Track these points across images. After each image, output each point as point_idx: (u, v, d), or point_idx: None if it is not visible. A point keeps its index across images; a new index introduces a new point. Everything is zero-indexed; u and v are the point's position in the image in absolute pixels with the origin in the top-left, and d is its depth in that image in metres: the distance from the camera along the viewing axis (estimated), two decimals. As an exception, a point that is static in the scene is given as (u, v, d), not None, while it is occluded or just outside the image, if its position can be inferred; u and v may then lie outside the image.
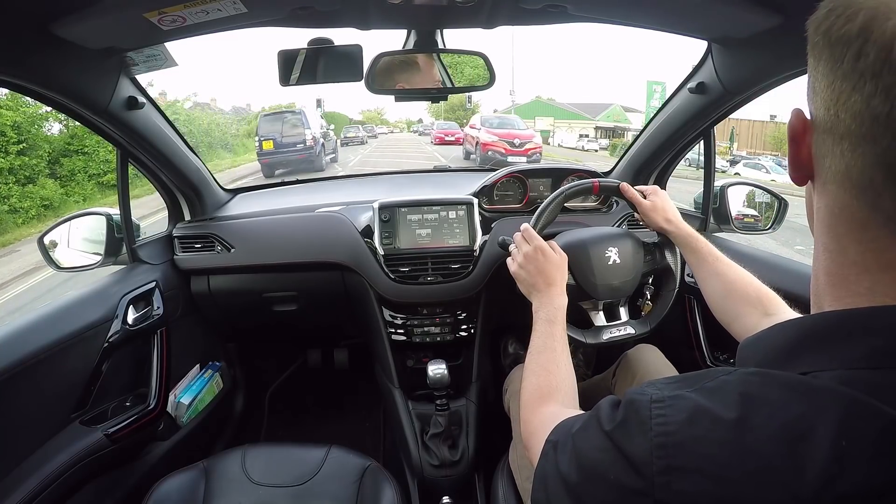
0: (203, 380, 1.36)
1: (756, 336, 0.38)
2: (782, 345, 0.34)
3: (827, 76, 0.31)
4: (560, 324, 0.74)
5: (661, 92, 16.51)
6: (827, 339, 0.32)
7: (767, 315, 0.71)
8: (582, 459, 0.38)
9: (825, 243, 0.34)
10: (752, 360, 0.36)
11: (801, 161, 0.35)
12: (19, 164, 8.17)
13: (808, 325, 0.34)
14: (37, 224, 7.77)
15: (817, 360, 0.31)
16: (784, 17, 0.73)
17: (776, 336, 0.36)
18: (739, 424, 0.29)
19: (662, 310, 0.96)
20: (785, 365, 0.32)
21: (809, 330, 0.34)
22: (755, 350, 0.37)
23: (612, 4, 0.86)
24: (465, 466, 1.14)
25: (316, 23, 0.90)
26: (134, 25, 0.76)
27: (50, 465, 0.86)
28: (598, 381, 1.17)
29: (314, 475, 0.92)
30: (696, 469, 0.30)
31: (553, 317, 0.75)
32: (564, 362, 0.69)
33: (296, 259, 1.27)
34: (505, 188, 1.41)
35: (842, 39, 0.29)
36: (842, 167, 0.31)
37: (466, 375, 1.31)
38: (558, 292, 0.79)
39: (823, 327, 0.33)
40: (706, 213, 1.28)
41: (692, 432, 0.31)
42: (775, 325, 0.36)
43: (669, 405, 0.33)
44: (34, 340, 0.88)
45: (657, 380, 0.37)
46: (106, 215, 1.17)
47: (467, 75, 1.03)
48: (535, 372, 0.68)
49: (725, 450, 0.29)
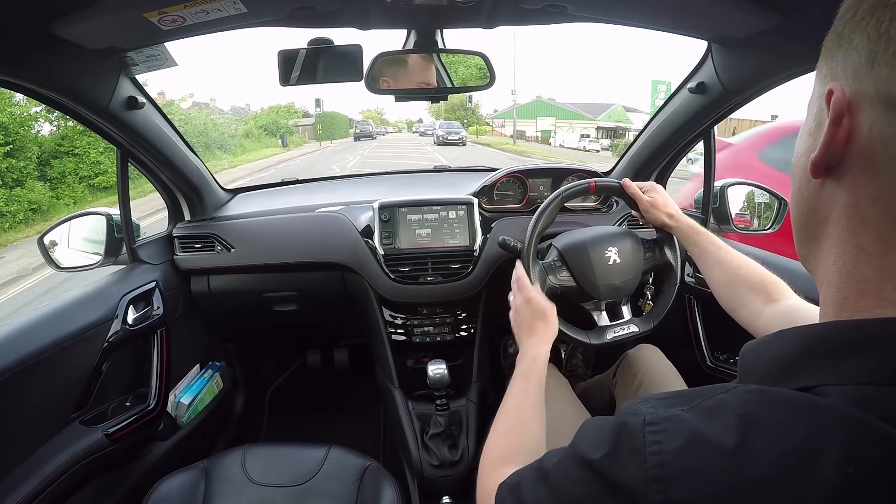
0: (203, 380, 1.36)
1: (759, 342, 0.36)
2: (788, 354, 0.32)
3: (871, 44, 0.28)
4: (535, 379, 0.72)
5: (666, 91, 16.47)
6: (836, 352, 0.30)
7: (772, 301, 0.70)
8: (561, 497, 0.35)
9: (863, 245, 0.30)
10: (756, 369, 0.35)
11: (835, 148, 0.30)
12: (6, 167, 7.98)
13: (817, 335, 0.32)
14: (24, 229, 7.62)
15: (824, 373, 0.29)
16: (783, 17, 0.73)
17: (781, 344, 0.34)
18: (739, 451, 0.27)
19: (664, 306, 0.96)
20: (789, 377, 0.31)
21: (818, 340, 0.31)
22: (758, 358, 0.35)
23: (612, 4, 0.86)
24: (465, 466, 1.14)
25: (316, 23, 0.91)
26: (134, 25, 0.76)
27: (50, 465, 0.86)
28: (598, 381, 1.17)
29: (314, 475, 0.92)
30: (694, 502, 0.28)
31: (528, 371, 0.73)
32: (534, 422, 0.66)
33: (296, 259, 1.27)
34: (505, 188, 1.41)
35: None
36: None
37: (466, 375, 1.31)
38: (539, 342, 0.78)
39: (833, 338, 0.30)
40: (706, 213, 1.28)
41: (690, 462, 0.29)
42: (780, 332, 0.34)
43: (664, 429, 0.30)
44: (34, 340, 0.88)
45: (652, 396, 0.35)
46: (106, 215, 1.17)
47: (461, 75, 1.03)
48: (499, 430, 0.66)
49: (725, 480, 0.27)
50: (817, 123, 0.33)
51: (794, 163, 0.36)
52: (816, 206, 0.33)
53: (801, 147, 0.35)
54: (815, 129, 0.33)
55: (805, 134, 0.35)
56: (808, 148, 0.34)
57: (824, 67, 0.32)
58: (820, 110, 0.32)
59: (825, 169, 0.31)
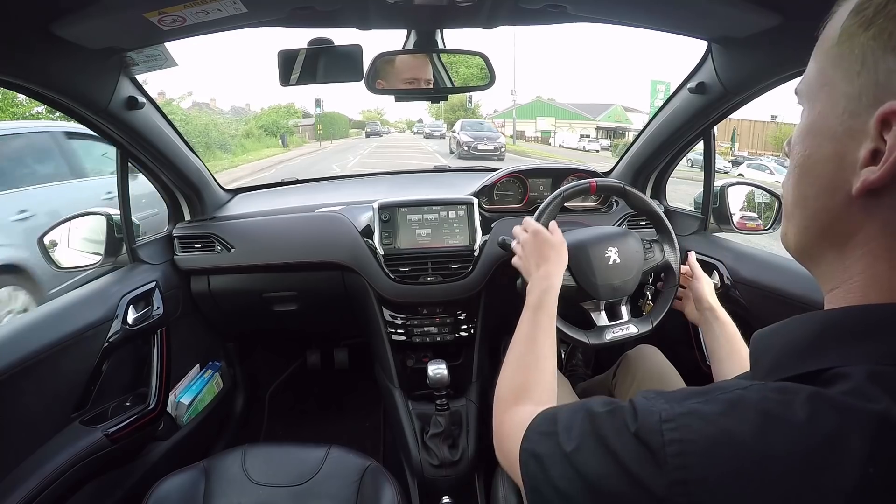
0: (203, 380, 1.36)
1: (771, 329, 0.36)
2: (802, 338, 0.33)
3: None
4: (546, 311, 0.70)
5: (665, 91, 16.49)
6: (851, 335, 0.30)
7: None
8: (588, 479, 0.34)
9: None
10: (768, 354, 0.34)
11: None
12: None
13: (831, 319, 0.32)
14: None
15: (844, 353, 0.29)
16: (783, 18, 0.73)
17: (794, 329, 0.34)
18: (761, 453, 0.27)
19: (664, 308, 0.96)
20: (804, 359, 0.31)
21: (832, 324, 0.32)
22: (770, 343, 0.35)
23: (612, 4, 0.86)
24: (465, 466, 1.14)
25: (316, 23, 0.90)
26: (134, 25, 0.76)
27: (50, 465, 0.86)
28: (599, 381, 1.17)
29: (314, 475, 0.92)
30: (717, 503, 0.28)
31: (540, 301, 0.71)
32: (547, 355, 0.65)
33: (296, 259, 1.27)
34: (505, 188, 1.41)
35: None
36: None
37: (466, 375, 1.31)
38: (550, 272, 0.75)
39: (848, 322, 0.31)
40: (706, 213, 1.28)
41: (713, 464, 0.28)
42: (793, 318, 0.34)
43: (683, 425, 0.30)
44: (34, 340, 0.88)
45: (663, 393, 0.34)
46: (106, 215, 1.17)
47: (462, 75, 1.03)
48: (511, 365, 0.64)
49: (750, 484, 0.27)
50: (846, 130, 0.31)
51: (809, 167, 0.34)
52: (844, 218, 0.32)
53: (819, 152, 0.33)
54: (845, 137, 0.31)
55: (824, 137, 0.32)
56: (830, 154, 0.32)
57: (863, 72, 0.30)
58: (853, 116, 0.30)
59: None
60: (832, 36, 0.32)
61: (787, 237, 0.38)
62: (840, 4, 0.32)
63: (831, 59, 0.32)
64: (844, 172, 0.31)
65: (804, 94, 0.35)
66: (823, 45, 0.33)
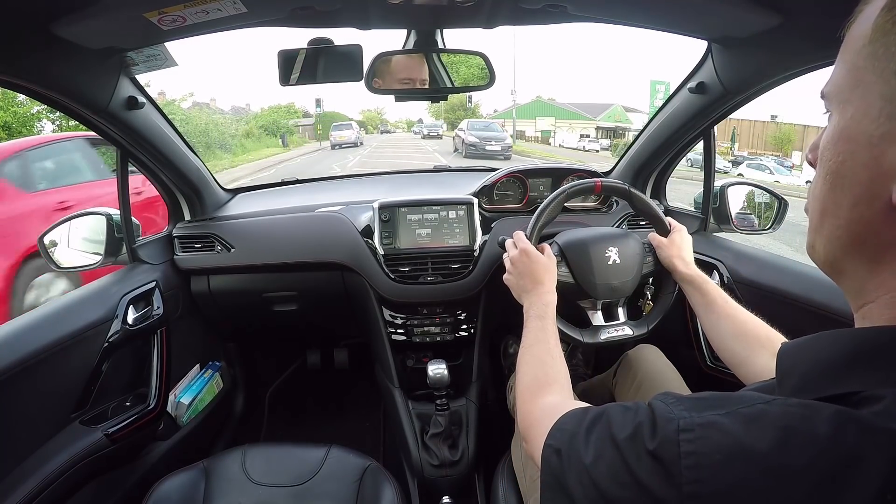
0: (203, 380, 1.36)
1: (797, 344, 0.35)
2: (832, 357, 0.31)
3: None
4: (551, 319, 0.75)
5: (665, 91, 16.49)
6: (885, 357, 0.29)
7: None
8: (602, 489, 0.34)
9: None
10: (795, 372, 0.33)
11: None
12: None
13: (864, 338, 0.30)
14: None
15: (874, 377, 0.28)
16: (784, 17, 0.73)
17: (824, 347, 0.32)
18: (779, 465, 0.27)
19: (661, 312, 0.96)
20: (835, 380, 0.30)
21: (870, 343, 0.30)
22: (798, 360, 0.34)
23: (612, 4, 0.86)
24: (465, 466, 1.14)
25: (316, 23, 0.90)
26: (134, 25, 0.76)
27: (50, 465, 0.86)
28: (599, 381, 1.16)
29: (314, 475, 0.92)
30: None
31: (543, 313, 0.75)
32: (558, 355, 0.69)
33: (296, 259, 1.27)
34: (505, 188, 1.41)
35: None
36: None
37: (466, 375, 1.31)
38: (547, 290, 0.80)
39: (882, 343, 0.29)
40: (706, 213, 1.28)
41: (727, 478, 0.28)
42: (822, 334, 0.33)
43: (700, 437, 0.29)
44: (34, 340, 0.88)
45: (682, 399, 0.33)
46: (106, 215, 1.17)
47: (462, 75, 1.03)
48: (529, 363, 0.68)
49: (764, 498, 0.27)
50: (883, 134, 0.29)
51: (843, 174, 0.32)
52: (881, 229, 0.30)
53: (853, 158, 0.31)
54: (883, 141, 0.29)
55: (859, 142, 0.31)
56: (866, 160, 0.30)
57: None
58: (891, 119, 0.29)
59: None
60: (863, 34, 0.30)
61: (814, 249, 0.36)
62: (866, 3, 0.31)
63: (863, 59, 0.30)
64: (882, 179, 0.29)
65: (833, 97, 0.33)
66: (853, 45, 0.31)
